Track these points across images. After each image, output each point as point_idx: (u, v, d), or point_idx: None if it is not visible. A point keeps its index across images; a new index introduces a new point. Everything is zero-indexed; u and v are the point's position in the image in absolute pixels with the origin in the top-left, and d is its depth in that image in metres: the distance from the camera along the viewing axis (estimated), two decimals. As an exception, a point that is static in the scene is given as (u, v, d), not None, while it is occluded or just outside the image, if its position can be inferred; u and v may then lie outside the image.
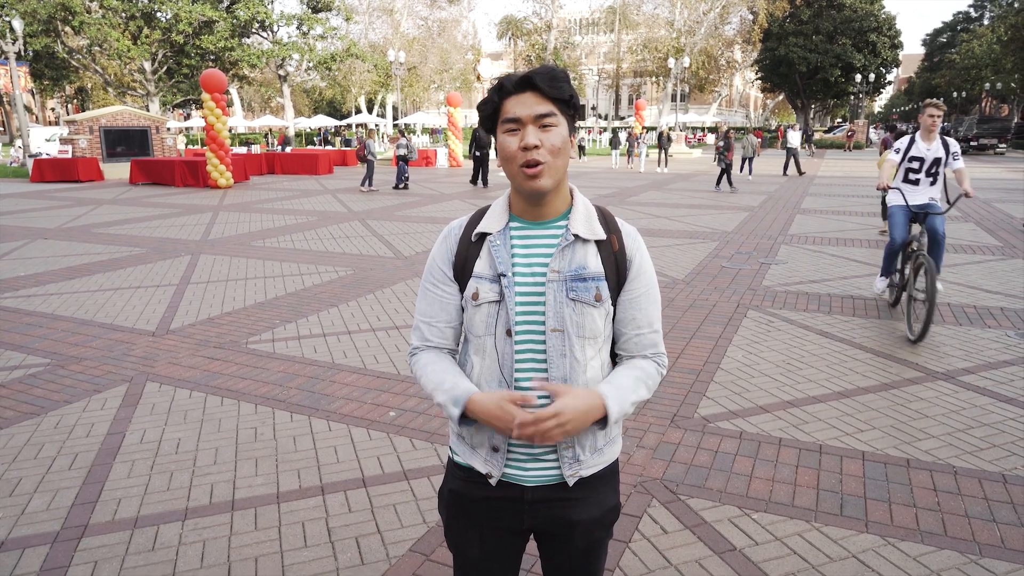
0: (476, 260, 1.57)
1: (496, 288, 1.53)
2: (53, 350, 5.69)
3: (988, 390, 4.76)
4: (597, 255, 1.56)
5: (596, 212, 1.61)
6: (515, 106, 1.47)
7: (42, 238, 11.39)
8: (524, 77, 1.47)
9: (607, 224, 1.60)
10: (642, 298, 1.60)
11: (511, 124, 1.47)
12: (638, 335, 1.61)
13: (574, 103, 1.51)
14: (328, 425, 4.24)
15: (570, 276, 1.52)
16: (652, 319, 1.62)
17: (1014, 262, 9.12)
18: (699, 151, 41.13)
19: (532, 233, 1.57)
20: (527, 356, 1.54)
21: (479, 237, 1.59)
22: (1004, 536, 3.07)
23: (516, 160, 1.47)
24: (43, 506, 3.36)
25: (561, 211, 1.58)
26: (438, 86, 54.60)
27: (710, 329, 6.18)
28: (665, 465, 3.73)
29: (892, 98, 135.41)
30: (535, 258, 1.54)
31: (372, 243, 10.81)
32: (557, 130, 1.48)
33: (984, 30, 70.15)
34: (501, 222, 1.57)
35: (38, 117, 56.64)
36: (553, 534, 1.66)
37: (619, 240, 1.60)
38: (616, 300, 1.59)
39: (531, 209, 1.56)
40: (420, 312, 1.66)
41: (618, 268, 1.58)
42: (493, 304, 1.54)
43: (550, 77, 1.47)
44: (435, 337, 1.63)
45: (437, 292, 1.63)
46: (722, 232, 11.62)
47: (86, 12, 33.13)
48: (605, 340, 1.60)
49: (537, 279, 1.53)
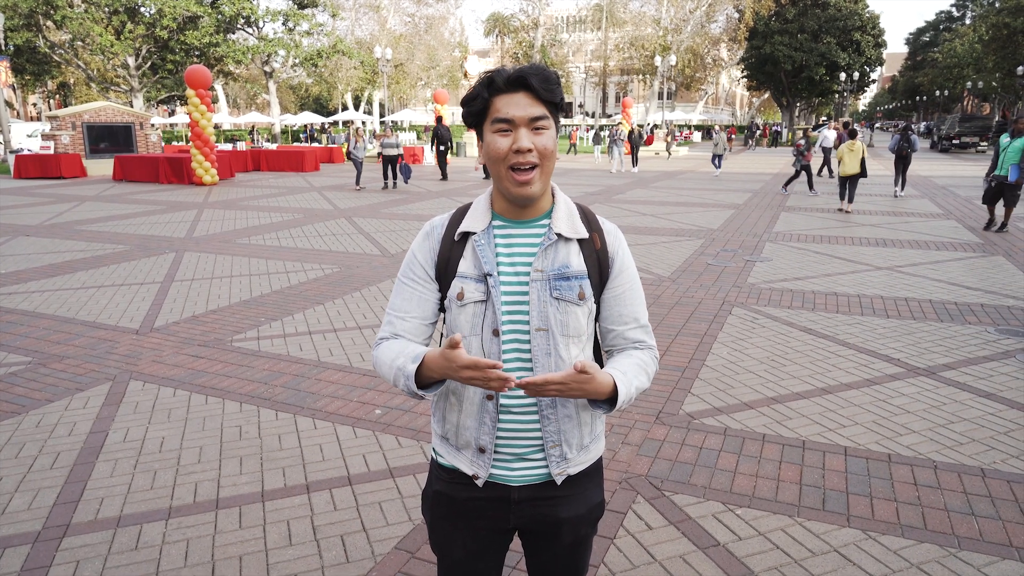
0: (460, 260, 1.56)
1: (482, 288, 1.52)
2: (35, 348, 5.63)
3: (968, 386, 4.82)
4: (580, 254, 1.55)
5: (578, 210, 1.61)
6: (507, 106, 1.44)
7: (24, 235, 11.26)
8: (518, 76, 1.44)
9: (589, 222, 1.60)
10: (626, 294, 1.61)
11: (503, 124, 1.45)
12: (626, 330, 1.62)
13: (562, 105, 1.51)
14: (313, 423, 4.23)
15: (553, 275, 1.52)
16: (638, 314, 1.63)
17: (994, 259, 9.23)
18: (685, 149, 41.27)
19: (515, 232, 1.56)
20: (513, 356, 1.53)
21: (462, 236, 1.57)
22: (982, 529, 3.11)
23: (506, 161, 1.45)
24: (24, 505, 3.33)
25: (544, 210, 1.57)
26: (425, 83, 54.38)
27: (695, 326, 6.21)
28: (650, 461, 3.75)
29: (876, 96, 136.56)
30: (518, 257, 1.54)
31: (358, 240, 10.78)
32: (548, 133, 1.46)
33: (966, 29, 70.91)
34: (484, 221, 1.56)
35: (19, 112, 55.92)
36: (539, 532, 1.66)
37: (601, 238, 1.60)
38: (600, 298, 1.60)
39: (514, 208, 1.55)
40: (393, 307, 1.62)
41: (600, 266, 1.58)
42: (479, 304, 1.53)
43: (544, 79, 1.44)
44: (405, 332, 1.59)
45: (415, 288, 1.60)
46: (708, 230, 11.68)
47: (68, 6, 32.70)
48: (588, 338, 1.60)
49: (521, 278, 1.53)
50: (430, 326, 1.63)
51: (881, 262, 9.03)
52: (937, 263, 8.95)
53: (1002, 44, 49.62)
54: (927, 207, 14.75)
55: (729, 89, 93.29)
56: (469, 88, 1.56)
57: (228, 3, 36.16)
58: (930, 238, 10.85)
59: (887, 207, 14.72)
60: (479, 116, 1.49)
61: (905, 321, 6.37)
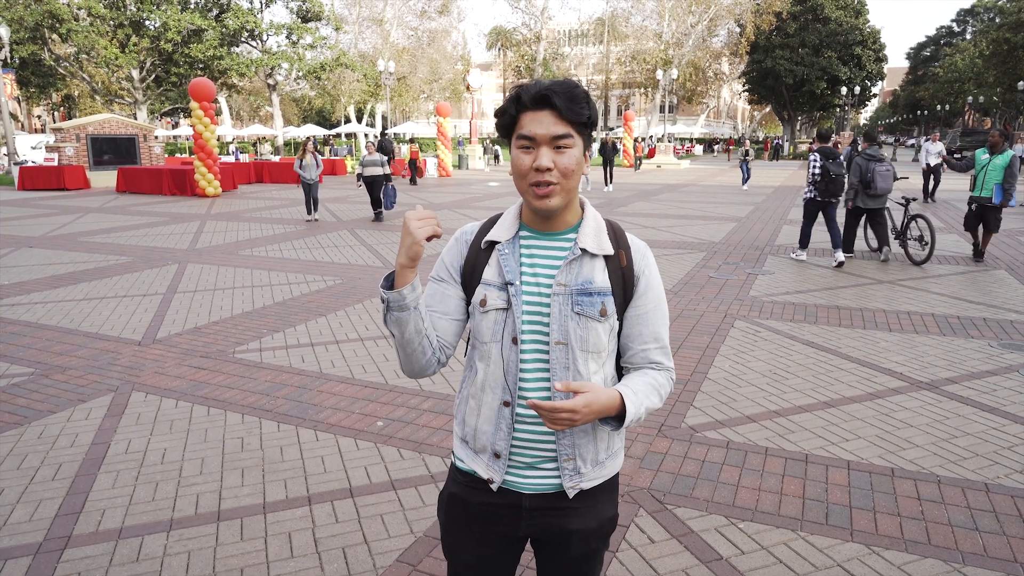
0: (485, 267, 1.58)
1: (504, 296, 1.54)
2: (37, 359, 5.64)
3: (971, 400, 4.81)
4: (604, 270, 1.56)
5: (606, 226, 1.61)
6: (531, 123, 1.45)
7: (27, 246, 11.29)
8: (543, 95, 1.44)
9: (616, 239, 1.60)
10: (650, 314, 1.61)
11: (525, 141, 1.46)
12: (644, 350, 1.61)
13: (592, 122, 1.50)
14: (315, 435, 4.22)
15: (576, 290, 1.53)
16: (659, 334, 1.63)
17: (996, 273, 9.23)
18: (687, 162, 41.37)
19: (540, 243, 1.57)
20: (532, 366, 1.54)
21: (488, 244, 1.60)
22: (987, 544, 3.10)
23: (527, 178, 1.47)
24: (26, 517, 3.33)
25: (571, 224, 1.58)
26: (428, 96, 54.69)
27: (698, 339, 6.21)
28: (652, 474, 3.74)
29: (877, 110, 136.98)
30: (541, 268, 1.55)
31: (361, 252, 10.80)
32: (571, 152, 1.46)
33: (967, 44, 71.25)
34: (511, 230, 1.58)
35: (24, 125, 56.21)
36: (550, 542, 1.66)
37: (627, 256, 1.60)
38: (623, 315, 1.60)
39: (540, 220, 1.57)
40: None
41: (625, 284, 1.58)
42: (500, 311, 1.55)
43: (569, 98, 1.43)
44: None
45: (439, 285, 1.64)
46: (710, 243, 11.69)
47: (74, 20, 32.98)
48: (609, 355, 1.60)
49: (542, 289, 1.54)
50: (452, 322, 1.63)
51: (883, 275, 9.03)
52: (939, 277, 8.95)
53: (1003, 59, 49.88)
54: (929, 221, 14.74)
55: (731, 103, 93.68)
56: (501, 101, 1.57)
57: (232, 16, 36.48)
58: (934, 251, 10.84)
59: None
60: (507, 130, 1.52)
61: (907, 335, 6.36)
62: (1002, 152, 9.75)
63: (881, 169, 9.56)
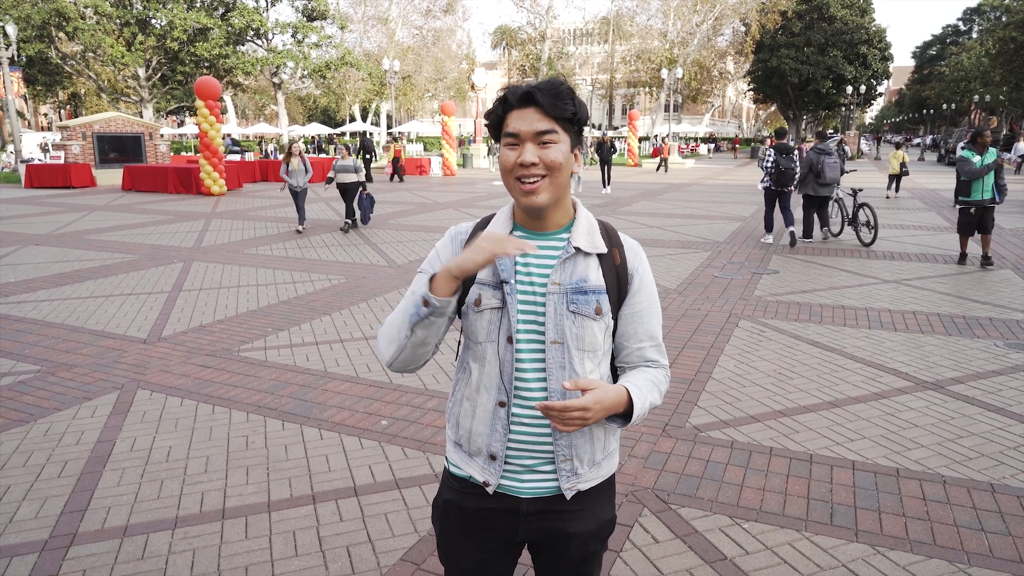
0: None
1: (498, 295, 1.54)
2: (43, 357, 5.66)
3: (977, 400, 4.79)
4: (598, 268, 1.56)
5: (599, 226, 1.62)
6: (516, 121, 1.48)
7: (33, 244, 11.34)
8: (526, 93, 1.47)
9: (609, 238, 1.61)
10: (644, 312, 1.62)
11: (511, 139, 1.49)
12: (640, 348, 1.62)
13: (578, 119, 1.50)
14: (320, 434, 4.23)
15: (571, 289, 1.53)
16: (654, 332, 1.64)
17: (1002, 272, 9.19)
18: (692, 161, 41.30)
19: (534, 243, 1.57)
20: (528, 365, 1.54)
21: None
22: (992, 545, 3.09)
23: (513, 173, 1.49)
24: (32, 514, 3.34)
25: (563, 224, 1.59)
26: (432, 95, 54.71)
27: (702, 339, 6.20)
28: (656, 474, 3.73)
29: (883, 109, 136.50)
30: (535, 268, 1.55)
31: (365, 251, 10.81)
32: (557, 147, 1.47)
33: (973, 43, 70.91)
34: (505, 230, 1.59)
35: (30, 122, 56.41)
36: (548, 546, 1.66)
37: (621, 254, 1.61)
38: (617, 314, 1.60)
39: (532, 220, 1.57)
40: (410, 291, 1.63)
41: (619, 282, 1.59)
42: (495, 311, 1.55)
43: (552, 94, 1.46)
44: None
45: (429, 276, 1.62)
46: (714, 242, 11.67)
47: (80, 18, 33.07)
48: (605, 354, 1.60)
49: (536, 288, 1.54)
50: None
51: (888, 275, 9.01)
52: (945, 276, 8.92)
53: (1009, 58, 49.62)
54: (934, 220, 14.72)
55: (736, 102, 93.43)
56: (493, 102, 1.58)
57: (238, 15, 36.51)
58: (937, 251, 10.82)
59: (891, 221, 14.70)
60: (496, 129, 1.54)
61: (913, 334, 6.34)
62: (987, 152, 9.39)
63: (829, 161, 11.17)
